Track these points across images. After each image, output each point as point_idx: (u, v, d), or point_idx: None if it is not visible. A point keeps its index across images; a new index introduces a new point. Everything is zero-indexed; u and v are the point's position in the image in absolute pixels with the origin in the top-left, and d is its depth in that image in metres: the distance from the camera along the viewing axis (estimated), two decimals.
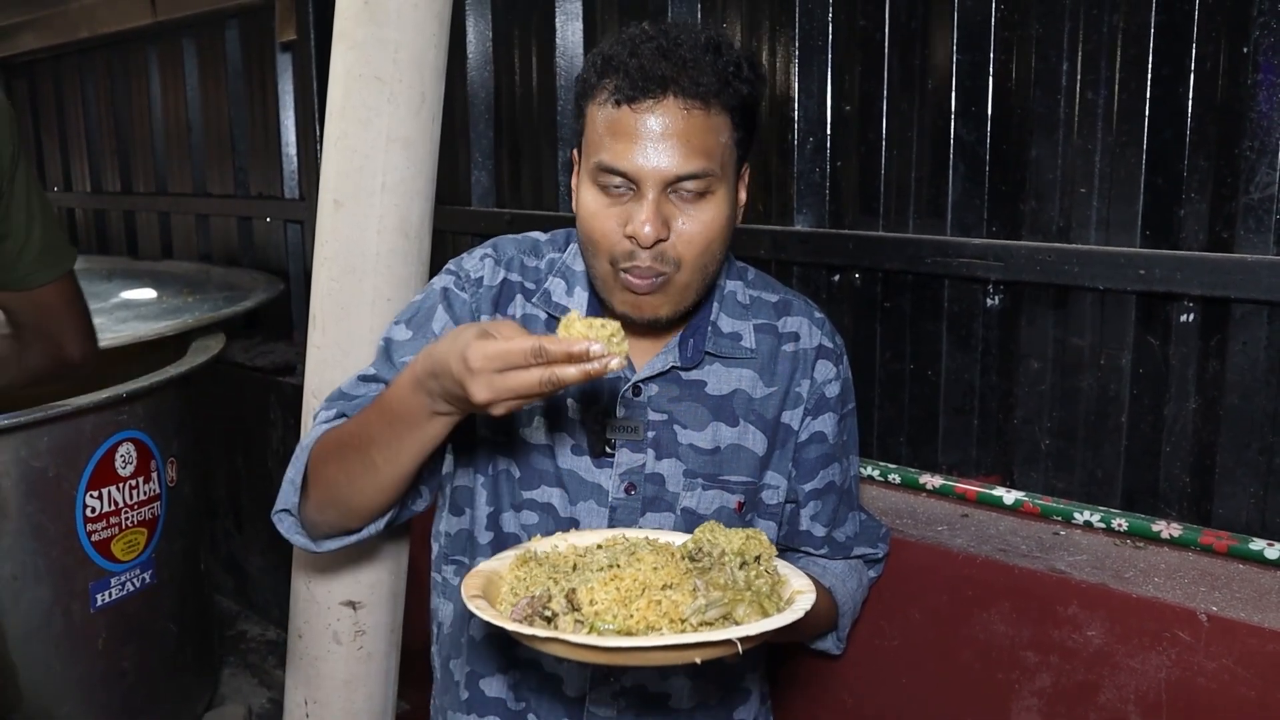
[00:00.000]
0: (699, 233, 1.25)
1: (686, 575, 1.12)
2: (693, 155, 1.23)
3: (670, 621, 1.07)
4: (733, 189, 1.30)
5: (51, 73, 5.51)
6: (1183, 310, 1.76)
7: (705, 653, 1.03)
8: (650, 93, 1.22)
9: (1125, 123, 1.79)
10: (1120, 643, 1.57)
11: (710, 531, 1.20)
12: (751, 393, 1.42)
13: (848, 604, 1.57)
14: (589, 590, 1.09)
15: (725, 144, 1.26)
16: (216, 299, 3.47)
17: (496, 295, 1.42)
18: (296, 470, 1.40)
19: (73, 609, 2.29)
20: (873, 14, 2.10)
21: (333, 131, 1.91)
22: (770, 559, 1.18)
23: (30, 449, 2.18)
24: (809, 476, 1.49)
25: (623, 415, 1.39)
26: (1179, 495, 1.81)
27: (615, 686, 1.43)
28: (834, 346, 1.48)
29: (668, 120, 1.22)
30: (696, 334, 1.40)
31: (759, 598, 1.10)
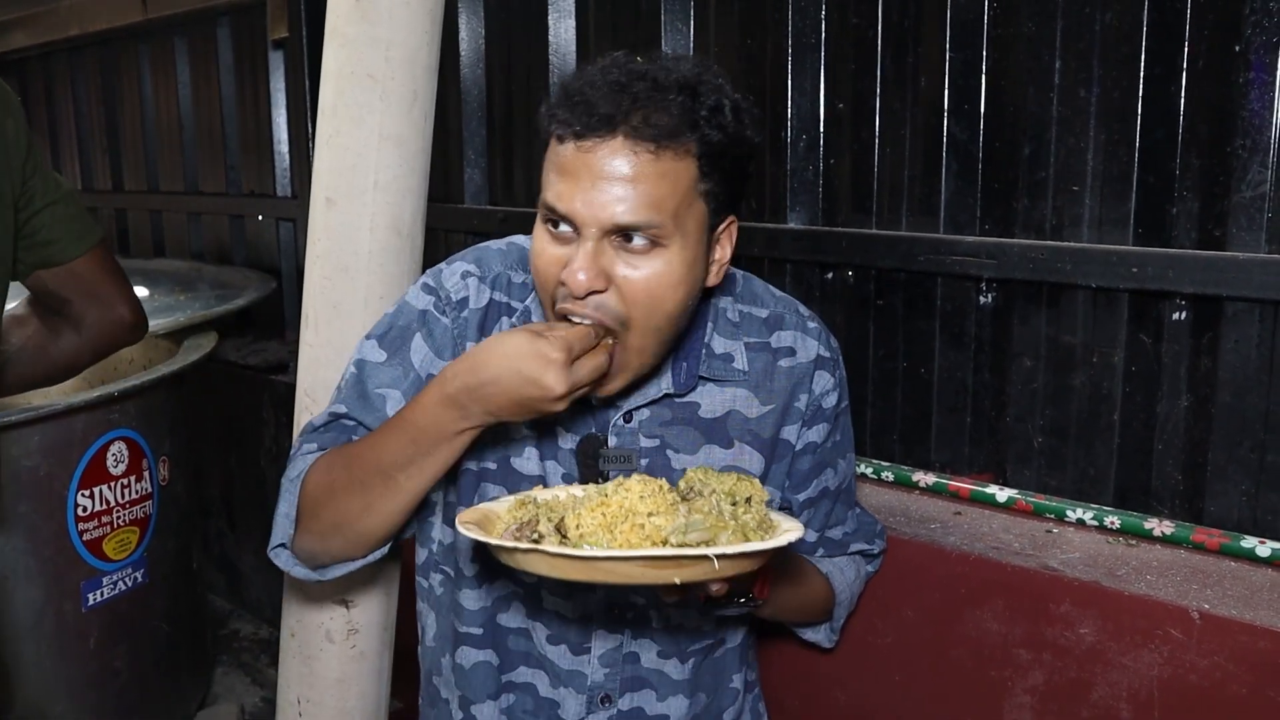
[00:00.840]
0: (641, 288, 1.16)
1: (673, 506, 1.11)
2: (637, 205, 1.13)
3: (653, 544, 1.06)
4: (696, 244, 1.19)
5: (42, 70, 5.50)
6: (1175, 308, 1.77)
7: (684, 571, 1.02)
8: (597, 131, 1.14)
9: (1117, 121, 1.80)
10: (1113, 640, 1.57)
11: (701, 473, 1.19)
12: (746, 413, 1.38)
13: (844, 594, 1.54)
14: (576, 516, 1.10)
15: (684, 193, 1.15)
16: (209, 297, 3.46)
17: (482, 319, 1.34)
18: (289, 504, 1.36)
19: (64, 608, 2.28)
20: (865, 12, 2.10)
21: (325, 129, 1.90)
22: (760, 502, 1.16)
23: (21, 448, 2.17)
24: (802, 487, 1.46)
25: (615, 445, 1.35)
26: (1171, 493, 1.81)
27: (613, 710, 1.41)
28: (830, 354, 1.43)
29: (614, 163, 1.13)
30: (690, 357, 1.34)
31: (744, 529, 1.09)
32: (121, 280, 1.89)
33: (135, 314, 1.90)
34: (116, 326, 1.88)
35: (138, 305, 1.91)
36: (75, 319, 1.87)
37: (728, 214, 1.24)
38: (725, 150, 1.17)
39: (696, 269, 1.20)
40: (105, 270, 1.86)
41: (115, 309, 1.86)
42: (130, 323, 1.89)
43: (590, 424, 1.35)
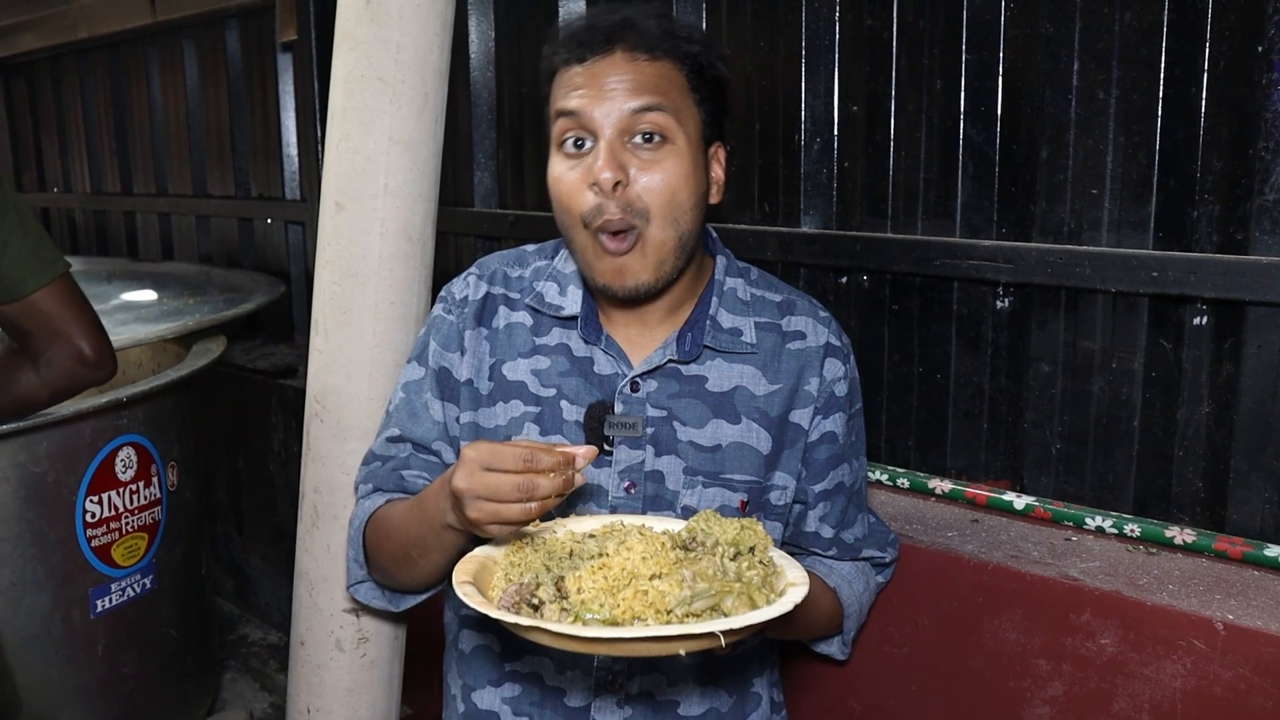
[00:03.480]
0: (659, 180, 1.27)
1: (676, 565, 1.10)
2: (644, 95, 1.27)
3: (656, 612, 1.05)
4: (696, 149, 1.31)
5: (51, 73, 5.50)
6: (1196, 313, 1.74)
7: (689, 645, 1.02)
8: (598, 50, 1.29)
9: (1137, 123, 1.77)
10: (1134, 651, 1.55)
11: (704, 520, 1.18)
12: (753, 389, 1.41)
13: (853, 606, 1.54)
14: (576, 579, 1.08)
15: (680, 95, 1.29)
16: (217, 301, 3.45)
17: (479, 310, 1.46)
18: (356, 550, 1.49)
19: (73, 615, 2.27)
20: (880, 13, 2.08)
21: (335, 133, 1.89)
22: (765, 550, 1.16)
23: (30, 454, 2.16)
24: (819, 477, 1.47)
25: (621, 412, 1.38)
26: (1192, 500, 1.79)
27: (621, 694, 1.41)
28: (841, 345, 1.47)
29: (618, 68, 1.28)
30: (695, 328, 1.40)
31: (749, 589, 1.08)
32: (84, 316, 1.88)
33: (96, 351, 1.88)
34: (75, 364, 1.87)
35: (99, 342, 1.89)
36: (35, 354, 1.86)
37: (714, 139, 1.36)
38: (704, 67, 1.32)
39: (698, 174, 1.32)
40: (65, 304, 1.85)
41: (74, 344, 1.85)
42: (91, 360, 1.88)
43: (597, 394, 1.39)
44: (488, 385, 1.43)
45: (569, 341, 1.42)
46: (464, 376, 1.44)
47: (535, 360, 1.42)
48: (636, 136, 1.27)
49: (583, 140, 1.29)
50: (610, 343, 1.40)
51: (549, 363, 1.41)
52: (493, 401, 1.42)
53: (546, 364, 1.41)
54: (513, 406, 1.41)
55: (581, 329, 1.41)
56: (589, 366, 1.40)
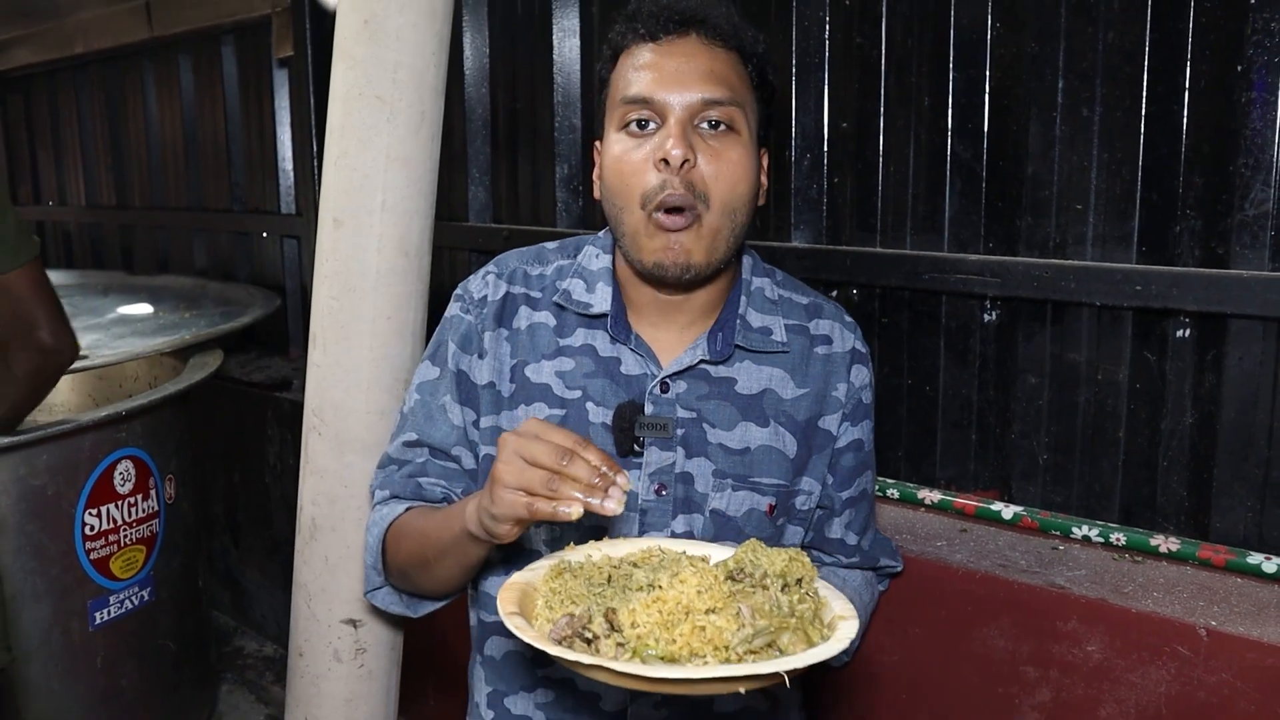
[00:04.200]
0: (725, 168, 1.25)
1: (730, 599, 1.08)
2: (717, 84, 1.26)
3: (715, 649, 1.04)
4: (754, 144, 1.31)
5: (47, 87, 5.52)
6: (1179, 325, 1.78)
7: (751, 684, 1.01)
8: (674, 30, 1.28)
9: (1120, 140, 1.81)
10: (1120, 657, 1.57)
11: (752, 551, 1.16)
12: (781, 393, 1.39)
13: (862, 616, 1.51)
14: (630, 612, 1.06)
15: (745, 90, 1.29)
16: (213, 314, 3.48)
17: (499, 310, 1.42)
18: (374, 557, 1.46)
19: (72, 627, 2.29)
20: (869, 32, 2.12)
21: (333, 150, 1.92)
22: (812, 581, 1.14)
23: (30, 467, 2.18)
24: (846, 484, 1.46)
25: (652, 413, 1.35)
26: (1176, 509, 1.82)
27: (657, 697, 1.37)
28: (865, 352, 1.46)
29: (693, 53, 1.27)
30: (725, 328, 1.37)
31: (803, 624, 1.07)
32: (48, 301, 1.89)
33: (57, 338, 1.89)
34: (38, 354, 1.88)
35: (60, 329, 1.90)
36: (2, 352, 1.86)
37: (762, 144, 1.35)
38: (763, 68, 1.32)
39: (755, 169, 1.30)
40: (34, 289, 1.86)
41: (37, 332, 1.86)
42: (50, 346, 1.88)
43: (624, 395, 1.36)
44: (509, 388, 1.40)
45: (594, 342, 1.38)
46: (484, 380, 1.41)
47: (559, 361, 1.38)
48: (704, 123, 1.26)
49: (647, 121, 1.27)
50: (639, 342, 1.37)
51: (573, 364, 1.38)
52: (515, 404, 1.39)
53: (571, 365, 1.38)
54: (536, 409, 1.37)
55: (611, 327, 1.37)
56: (615, 367, 1.37)
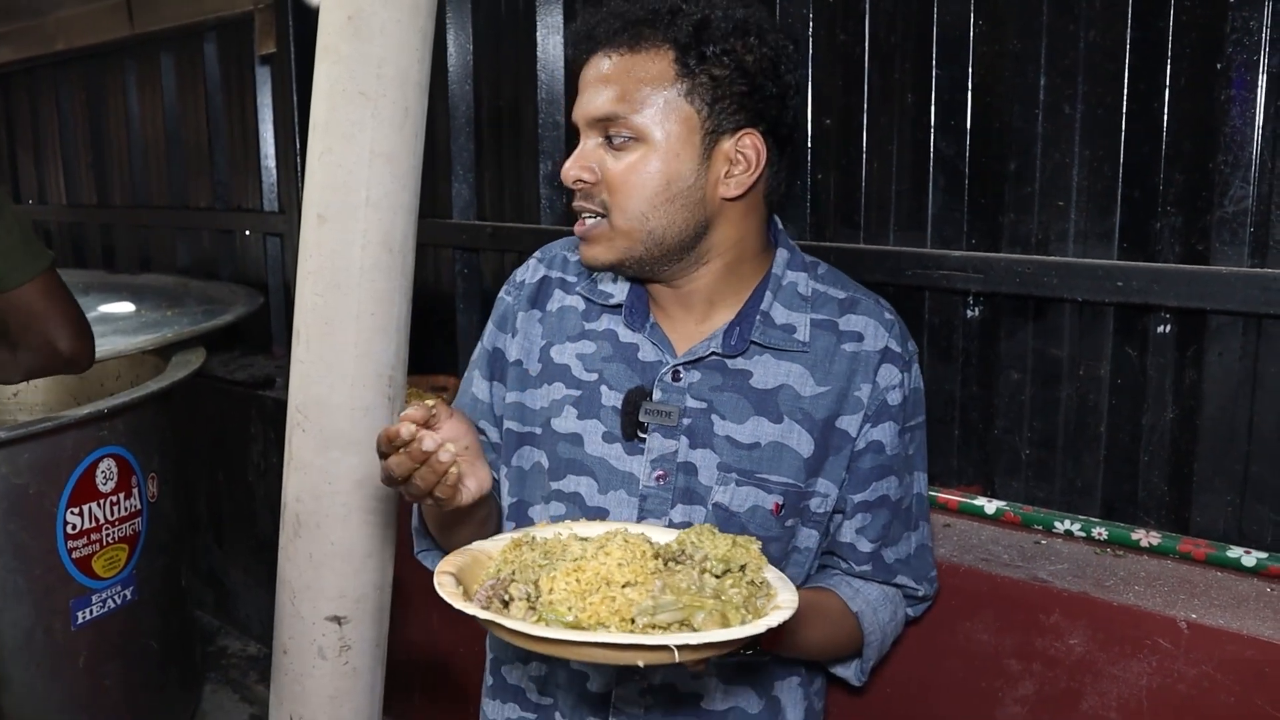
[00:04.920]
0: (617, 177, 1.28)
1: (652, 575, 1.08)
2: (607, 100, 1.27)
3: (621, 620, 1.04)
4: (681, 145, 1.27)
5: (26, 85, 5.49)
6: (1160, 321, 1.79)
7: (644, 656, 0.99)
8: (585, 49, 1.32)
9: (1102, 137, 1.82)
10: (1102, 650, 1.59)
11: (697, 534, 1.16)
12: (799, 389, 1.35)
13: (875, 635, 1.45)
14: (550, 579, 1.07)
15: (660, 92, 1.26)
16: (196, 313, 3.46)
17: (534, 293, 1.47)
18: (417, 519, 1.50)
19: (54, 627, 2.28)
20: (853, 29, 2.12)
21: (316, 146, 1.91)
22: (757, 569, 1.13)
23: (11, 466, 2.17)
24: (860, 487, 1.40)
25: (658, 398, 1.35)
26: (1157, 504, 1.83)
27: (643, 684, 1.38)
28: (903, 351, 1.39)
29: (597, 69, 1.30)
30: (744, 322, 1.36)
31: (724, 607, 1.05)
32: (66, 312, 1.88)
33: (74, 349, 1.88)
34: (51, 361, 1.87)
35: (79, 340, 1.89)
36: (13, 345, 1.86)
37: (741, 126, 1.29)
38: (707, 54, 1.26)
39: (680, 168, 1.28)
40: (49, 300, 1.85)
41: (53, 344, 1.86)
42: (66, 358, 1.88)
43: (638, 380, 1.37)
44: (537, 367, 1.43)
45: (616, 328, 1.40)
46: (513, 357, 1.45)
47: (582, 345, 1.41)
48: (609, 136, 1.29)
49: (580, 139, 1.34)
50: (655, 330, 1.38)
51: (594, 347, 1.40)
52: (539, 383, 1.42)
53: (592, 349, 1.40)
54: (555, 389, 1.40)
55: (626, 316, 1.39)
56: (633, 353, 1.38)
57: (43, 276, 1.83)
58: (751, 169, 1.30)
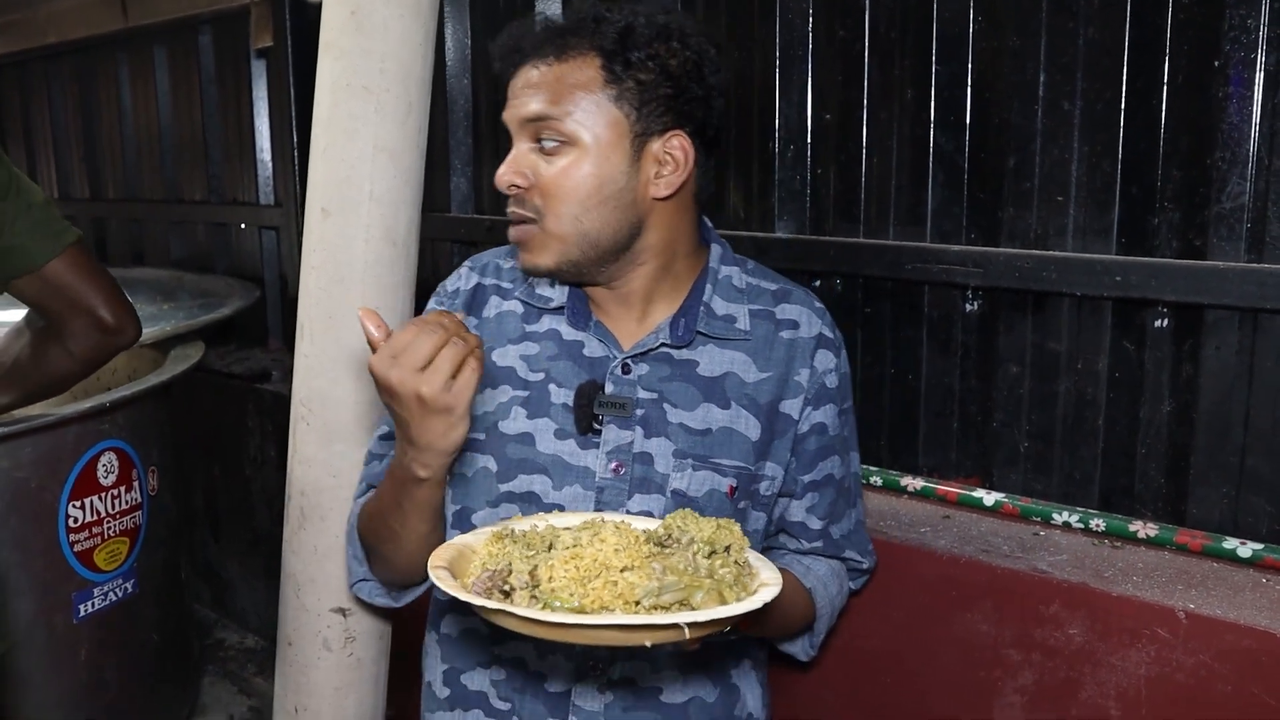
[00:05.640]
0: (550, 181, 1.31)
1: (648, 559, 1.11)
2: (537, 102, 1.31)
3: (625, 603, 1.06)
4: (611, 149, 1.31)
5: (17, 78, 5.45)
6: (1157, 316, 1.81)
7: (654, 636, 1.02)
8: (512, 62, 1.36)
9: (1100, 133, 1.84)
10: (1101, 640, 1.61)
11: (681, 518, 1.19)
12: (744, 376, 1.41)
13: (825, 609, 1.53)
14: (549, 567, 1.09)
15: (588, 96, 1.30)
16: (192, 306, 3.46)
17: (469, 299, 1.48)
18: (355, 546, 1.51)
19: (56, 620, 2.28)
20: (852, 25, 2.13)
21: (320, 141, 1.92)
22: (740, 550, 1.17)
23: (12, 459, 2.17)
24: (808, 468, 1.47)
25: (611, 391, 1.39)
26: (1154, 496, 1.85)
27: (603, 680, 1.40)
28: (834, 337, 1.48)
29: (525, 78, 1.34)
30: (688, 314, 1.41)
31: (720, 586, 1.09)
32: (101, 282, 1.85)
33: (118, 317, 1.86)
34: (98, 333, 1.85)
35: (120, 308, 1.87)
36: (60, 332, 1.85)
37: (669, 128, 1.33)
38: (632, 60, 1.30)
39: (611, 170, 1.31)
40: (81, 273, 1.82)
41: (96, 313, 1.83)
42: (112, 326, 1.85)
43: (586, 376, 1.40)
44: None
45: (559, 328, 1.43)
46: None
47: (524, 346, 1.43)
48: (539, 140, 1.33)
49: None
50: (600, 327, 1.42)
51: (538, 348, 1.43)
52: (482, 388, 1.40)
53: (536, 349, 1.43)
54: (501, 392, 1.42)
55: (569, 316, 1.42)
56: (579, 350, 1.42)
57: (69, 250, 1.81)
58: (680, 169, 1.35)
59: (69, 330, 1.84)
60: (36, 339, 1.89)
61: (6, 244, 1.76)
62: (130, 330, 1.90)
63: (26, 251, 1.78)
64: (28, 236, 1.77)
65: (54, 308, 1.83)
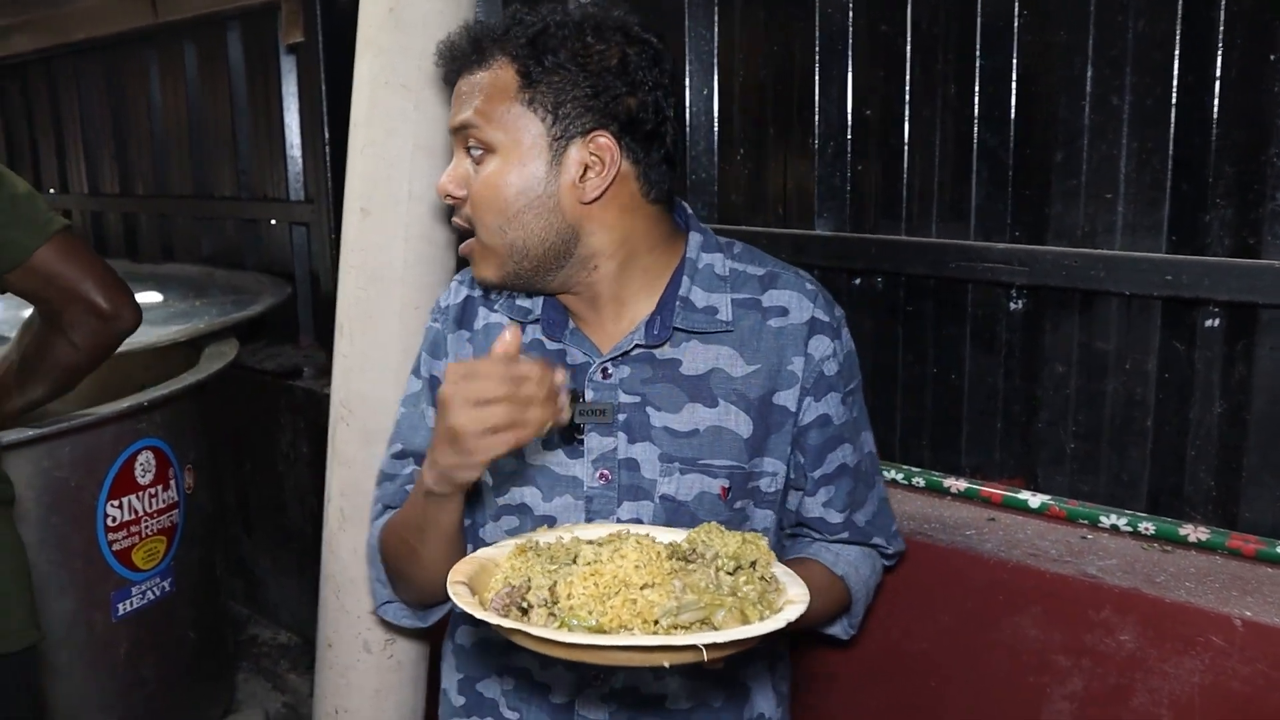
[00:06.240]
0: (476, 190, 1.31)
1: (670, 576, 1.08)
2: (464, 110, 1.31)
3: (643, 622, 1.03)
4: (532, 153, 1.29)
5: (45, 75, 5.48)
6: (1209, 315, 1.78)
7: (671, 657, 1.00)
8: (453, 71, 1.36)
9: (1150, 129, 1.80)
10: (1153, 647, 1.58)
11: (706, 533, 1.16)
12: (730, 371, 1.36)
13: (861, 591, 1.49)
14: (568, 584, 1.07)
15: (506, 103, 1.29)
16: (224, 303, 3.47)
17: (459, 314, 1.47)
18: (377, 570, 1.52)
19: (95, 619, 2.29)
20: (894, 19, 2.11)
21: (358, 139, 1.91)
22: (767, 565, 1.14)
23: (52, 460, 2.18)
24: (817, 463, 1.41)
25: (591, 398, 1.36)
26: (1205, 499, 1.82)
27: (605, 689, 1.39)
28: (830, 320, 1.39)
29: (458, 88, 1.34)
30: (664, 310, 1.36)
31: (742, 604, 1.06)
32: (93, 269, 1.81)
33: (114, 303, 1.82)
34: (96, 320, 1.80)
35: (116, 294, 1.83)
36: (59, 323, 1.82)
37: (590, 129, 1.29)
38: (545, 63, 1.28)
39: (532, 175, 1.30)
40: (72, 261, 1.79)
41: (90, 301, 1.80)
42: (108, 312, 1.82)
43: (569, 384, 1.35)
44: None
45: (541, 338, 1.41)
46: None
47: None
48: (468, 149, 1.33)
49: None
50: (576, 334, 1.39)
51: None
52: None
53: None
54: None
55: (545, 327, 1.40)
56: (561, 359, 1.39)
57: (56, 239, 1.77)
58: (605, 169, 1.30)
59: (67, 321, 1.81)
60: (41, 333, 1.86)
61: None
62: (128, 315, 1.86)
63: (13, 243, 1.74)
64: (11, 229, 1.73)
65: (49, 298, 1.80)
